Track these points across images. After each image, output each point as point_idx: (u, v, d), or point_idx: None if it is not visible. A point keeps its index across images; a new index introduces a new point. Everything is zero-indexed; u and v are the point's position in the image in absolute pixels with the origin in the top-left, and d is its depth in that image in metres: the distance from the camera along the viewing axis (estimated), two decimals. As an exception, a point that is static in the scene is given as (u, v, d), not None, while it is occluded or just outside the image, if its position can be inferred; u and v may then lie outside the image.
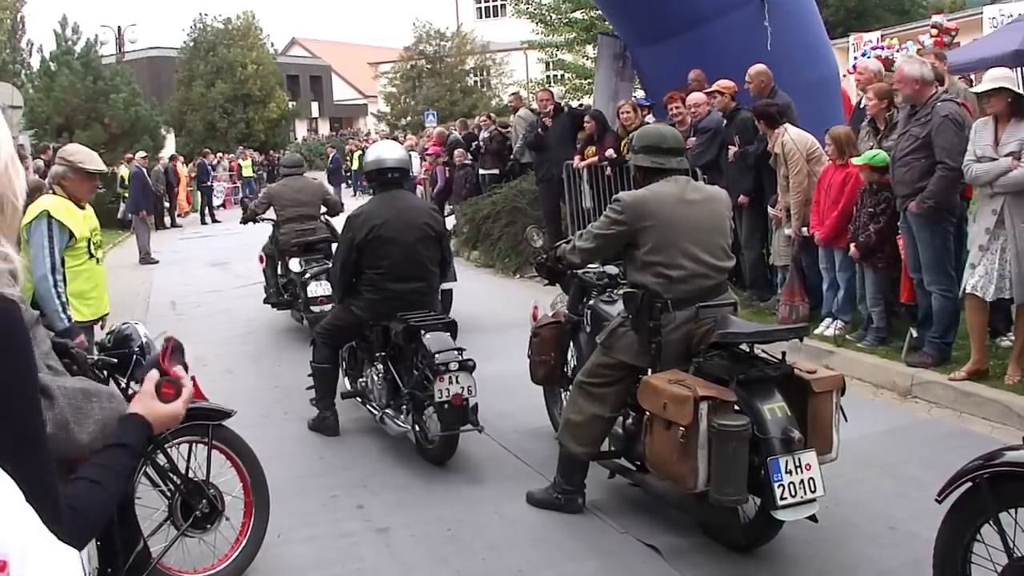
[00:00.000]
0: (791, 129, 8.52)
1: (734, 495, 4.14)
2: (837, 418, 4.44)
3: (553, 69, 28.57)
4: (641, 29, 12.40)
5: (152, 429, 2.13)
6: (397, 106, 49.11)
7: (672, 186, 4.81)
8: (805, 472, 4.13)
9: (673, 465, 4.29)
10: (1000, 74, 6.57)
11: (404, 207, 6.33)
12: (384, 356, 6.26)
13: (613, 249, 5.07)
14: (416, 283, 6.24)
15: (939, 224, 6.98)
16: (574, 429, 4.99)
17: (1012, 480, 3.32)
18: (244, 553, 4.60)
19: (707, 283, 4.73)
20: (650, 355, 4.71)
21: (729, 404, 4.20)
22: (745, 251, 9.57)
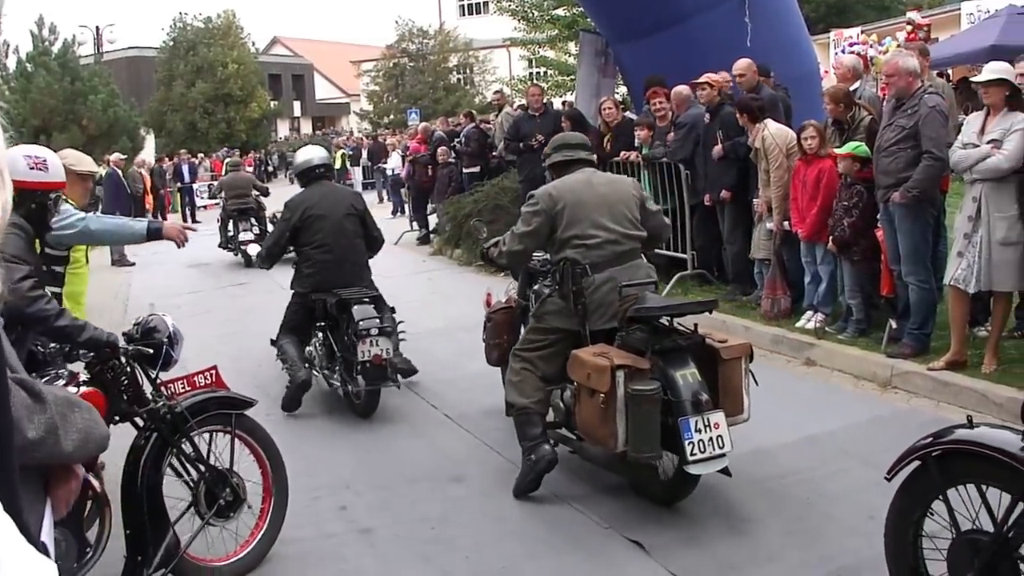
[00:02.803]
0: (771, 124, 8.57)
1: (649, 452, 4.65)
2: (747, 382, 4.96)
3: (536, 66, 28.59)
4: (623, 26, 12.42)
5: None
6: (380, 104, 49.06)
7: (579, 175, 5.46)
8: (714, 430, 4.62)
9: (597, 429, 4.79)
10: (1000, 67, 6.71)
11: (330, 192, 7.55)
12: (323, 326, 7.25)
13: (539, 241, 5.50)
14: (347, 253, 7.25)
15: (921, 215, 7.06)
16: (515, 387, 5.41)
17: (959, 457, 3.42)
18: (264, 540, 4.71)
19: (619, 248, 5.29)
20: (576, 316, 5.24)
21: (644, 371, 4.67)
22: (728, 245, 9.63)
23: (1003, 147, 6.41)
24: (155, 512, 4.24)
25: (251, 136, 45.25)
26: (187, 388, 4.60)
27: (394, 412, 7.13)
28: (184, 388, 4.59)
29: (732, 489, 5.28)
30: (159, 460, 4.33)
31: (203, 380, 4.67)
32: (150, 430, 4.35)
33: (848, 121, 7.90)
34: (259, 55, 51.60)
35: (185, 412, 4.39)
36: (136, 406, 4.35)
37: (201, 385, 4.64)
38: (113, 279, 15.09)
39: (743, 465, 5.60)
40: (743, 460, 5.67)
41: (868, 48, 18.85)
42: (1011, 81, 6.52)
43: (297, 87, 59.69)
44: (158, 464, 4.32)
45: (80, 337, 4.25)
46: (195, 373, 4.69)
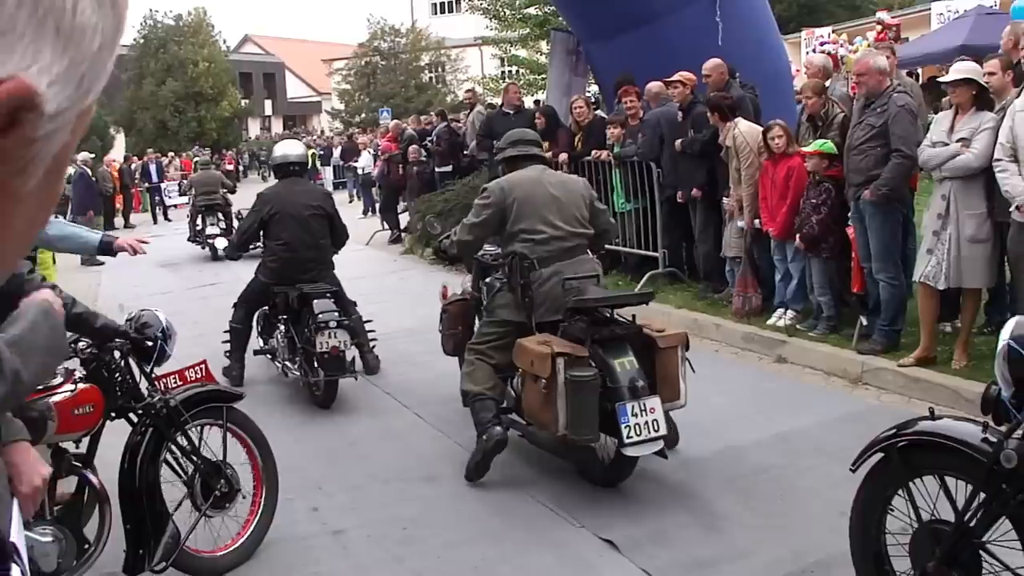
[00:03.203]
0: (742, 123, 8.61)
1: (587, 435, 4.94)
2: (684, 370, 5.23)
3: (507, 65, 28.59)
4: (594, 24, 12.42)
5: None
6: (351, 103, 48.88)
7: (530, 171, 5.72)
8: (649, 415, 4.90)
9: (540, 413, 5.10)
10: (967, 67, 6.80)
11: (301, 191, 7.72)
12: (285, 319, 7.45)
13: (488, 233, 5.78)
14: (309, 251, 7.41)
15: (890, 213, 7.13)
16: (469, 376, 5.68)
17: (921, 449, 3.49)
18: (258, 528, 4.80)
19: (565, 244, 5.54)
20: (525, 308, 5.53)
21: (583, 359, 4.94)
22: (699, 243, 9.65)
23: (972, 145, 6.48)
24: (154, 506, 4.30)
25: (222, 135, 44.91)
26: (179, 382, 4.69)
27: (365, 412, 7.12)
28: (176, 382, 4.67)
29: (704, 486, 5.30)
30: (156, 454, 4.39)
31: (194, 374, 4.78)
32: (146, 425, 4.40)
33: (823, 117, 7.93)
34: (230, 53, 51.22)
35: (179, 406, 4.45)
36: (132, 401, 4.41)
37: (192, 379, 4.75)
38: (82, 280, 14.92)
39: (715, 462, 5.65)
40: (715, 457, 5.72)
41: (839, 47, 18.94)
42: (978, 81, 6.58)
43: (268, 85, 59.34)
44: (155, 458, 4.38)
45: (96, 323, 4.32)
46: (186, 367, 4.81)
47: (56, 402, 4.04)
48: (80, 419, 4.13)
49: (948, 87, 6.82)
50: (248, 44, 62.47)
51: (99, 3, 0.57)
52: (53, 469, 4.00)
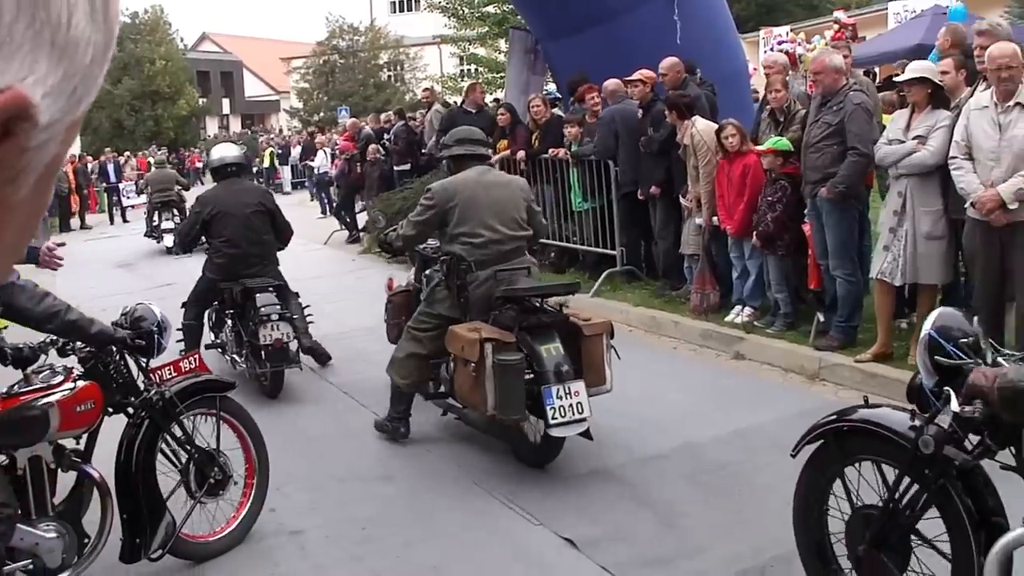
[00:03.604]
0: (699, 121, 8.65)
1: (514, 415, 5.25)
2: (609, 356, 5.53)
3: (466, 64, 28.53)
4: (552, 23, 12.42)
5: None
6: (310, 102, 48.55)
7: (473, 173, 5.94)
8: (574, 398, 5.17)
9: (470, 394, 5.43)
10: (922, 66, 6.89)
11: (240, 190, 7.91)
12: (232, 314, 7.71)
13: (431, 230, 6.07)
14: (252, 247, 7.62)
15: (847, 210, 7.20)
16: (397, 364, 6.05)
17: (855, 435, 3.61)
18: (250, 513, 4.95)
19: (504, 248, 5.81)
20: (460, 307, 5.81)
21: (510, 344, 5.25)
22: (660, 240, 9.67)
23: (928, 143, 6.56)
24: (151, 495, 4.42)
25: (179, 134, 44.49)
26: (174, 374, 4.79)
27: (322, 411, 7.09)
28: (171, 374, 4.78)
29: (663, 483, 5.31)
30: (152, 445, 4.51)
31: (188, 365, 4.89)
32: (141, 417, 4.50)
33: (785, 111, 7.99)
34: (187, 51, 50.71)
35: (174, 397, 4.55)
36: (130, 395, 4.49)
37: (186, 370, 4.85)
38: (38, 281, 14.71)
39: (673, 459, 5.66)
40: (673, 454, 5.74)
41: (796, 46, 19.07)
42: (933, 80, 6.66)
43: (226, 84, 58.79)
44: (151, 449, 4.50)
45: (91, 330, 4.37)
46: (181, 358, 4.94)
47: (58, 400, 4.11)
48: (82, 416, 4.22)
49: (904, 86, 6.89)
50: (206, 42, 61.84)
51: (92, 17, 0.58)
52: (55, 465, 4.16)
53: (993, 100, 6.07)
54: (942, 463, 3.19)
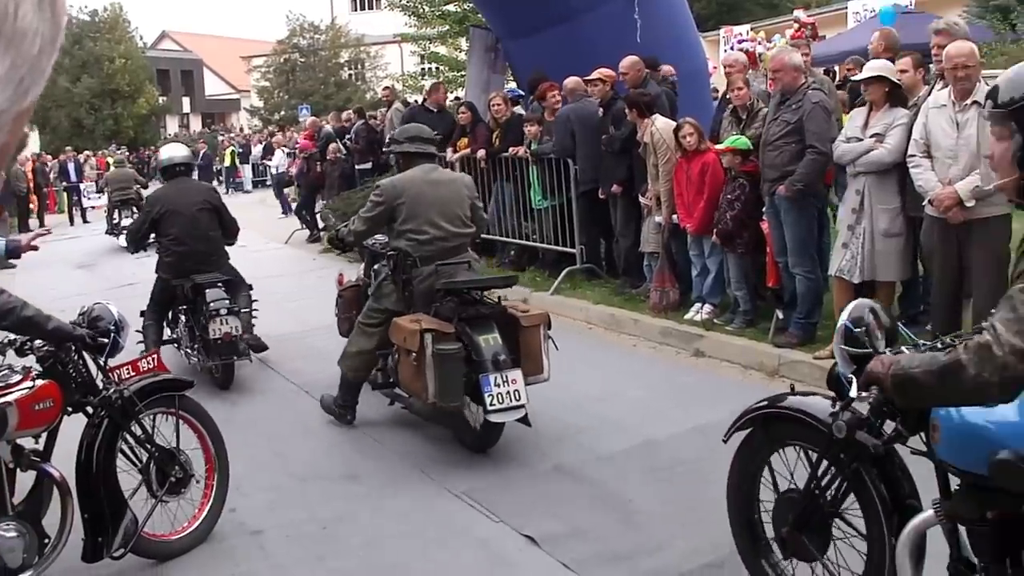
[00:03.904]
0: (659, 119, 8.68)
1: (453, 401, 5.50)
2: (546, 346, 5.82)
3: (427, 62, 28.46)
4: (513, 21, 12.43)
5: None
6: (270, 100, 48.26)
7: (419, 171, 6.19)
8: (511, 385, 5.41)
9: (412, 383, 5.69)
10: (879, 64, 6.95)
11: (186, 189, 8.16)
12: (184, 309, 7.94)
13: (379, 226, 6.28)
14: (199, 244, 7.85)
15: (805, 208, 7.26)
16: (348, 357, 6.33)
17: (780, 421, 3.74)
18: (212, 511, 4.97)
19: (447, 245, 6.07)
20: (405, 301, 6.06)
21: (449, 335, 5.49)
22: (620, 239, 9.70)
23: (886, 141, 6.63)
24: (112, 495, 4.43)
25: (139, 133, 44.02)
26: (132, 373, 4.79)
27: (283, 410, 7.07)
28: (130, 373, 4.78)
29: (623, 480, 5.34)
30: (112, 444, 4.52)
31: (147, 364, 4.89)
32: (101, 416, 4.51)
33: (748, 109, 8.05)
34: (147, 50, 50.25)
35: (133, 396, 4.56)
36: (88, 394, 4.49)
37: (145, 370, 4.85)
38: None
39: (633, 456, 5.69)
40: (633, 451, 5.76)
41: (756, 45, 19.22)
42: (891, 78, 6.73)
43: (186, 82, 58.29)
44: (111, 448, 4.51)
45: (48, 326, 4.36)
46: (139, 358, 4.94)
47: (16, 399, 4.10)
48: (40, 414, 4.21)
49: (862, 84, 6.95)
50: (165, 40, 61.26)
51: (39, 8, 0.58)
52: (13, 465, 4.16)
53: (951, 99, 6.14)
54: (856, 448, 3.28)
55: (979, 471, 2.86)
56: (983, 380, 2.48)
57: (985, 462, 2.80)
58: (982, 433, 2.87)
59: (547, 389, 6.82)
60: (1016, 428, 2.82)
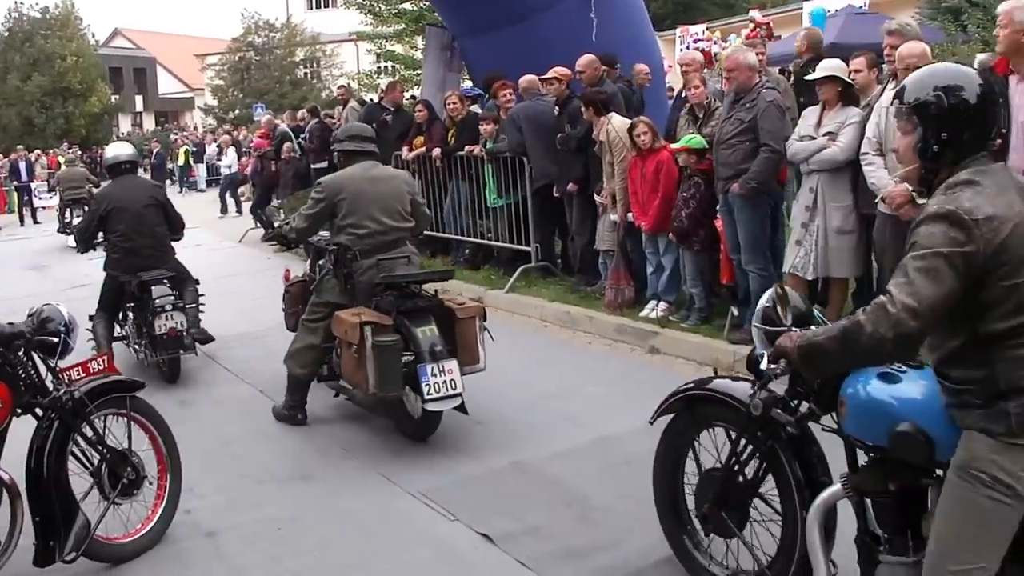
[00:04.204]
0: (615, 118, 8.71)
1: (392, 391, 5.69)
2: (482, 338, 6.02)
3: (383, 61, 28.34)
4: (469, 20, 12.43)
5: None
6: (225, 99, 47.74)
7: (359, 168, 6.36)
8: (447, 375, 5.61)
9: (355, 374, 5.84)
10: (832, 64, 7.02)
11: (133, 186, 8.27)
12: (132, 306, 8.04)
13: (321, 223, 6.45)
14: (146, 240, 7.96)
15: (759, 206, 7.32)
16: (295, 354, 6.43)
17: (704, 403, 3.93)
18: (165, 513, 4.94)
19: (387, 239, 6.24)
20: (347, 294, 6.21)
21: (387, 327, 5.69)
22: (576, 237, 9.73)
23: (838, 139, 6.71)
24: (63, 497, 4.37)
25: (91, 132, 43.34)
26: (83, 374, 4.74)
27: (238, 411, 7.02)
28: (80, 374, 4.73)
29: (579, 477, 5.35)
30: (63, 446, 4.46)
31: (97, 366, 4.82)
32: (51, 418, 4.45)
33: (705, 107, 8.09)
34: (99, 47, 49.46)
35: (84, 397, 4.52)
36: (38, 396, 4.45)
37: (95, 371, 4.80)
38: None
39: (589, 453, 5.70)
40: (589, 448, 5.78)
41: (712, 44, 19.33)
42: (843, 78, 6.80)
43: (139, 81, 57.61)
44: (62, 450, 4.45)
45: None
46: (89, 359, 4.86)
47: None
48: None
49: (815, 83, 7.01)
50: (118, 38, 60.55)
51: None
52: None
53: None
54: (771, 426, 3.51)
55: (882, 444, 3.04)
56: (879, 336, 2.71)
57: (887, 435, 2.99)
58: (884, 408, 3.04)
59: (503, 387, 6.86)
60: (916, 403, 2.98)
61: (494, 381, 6.90)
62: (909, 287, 2.68)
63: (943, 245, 2.65)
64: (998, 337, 2.68)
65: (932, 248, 2.67)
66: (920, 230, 2.74)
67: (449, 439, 6.10)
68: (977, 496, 2.71)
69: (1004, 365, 2.67)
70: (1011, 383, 2.66)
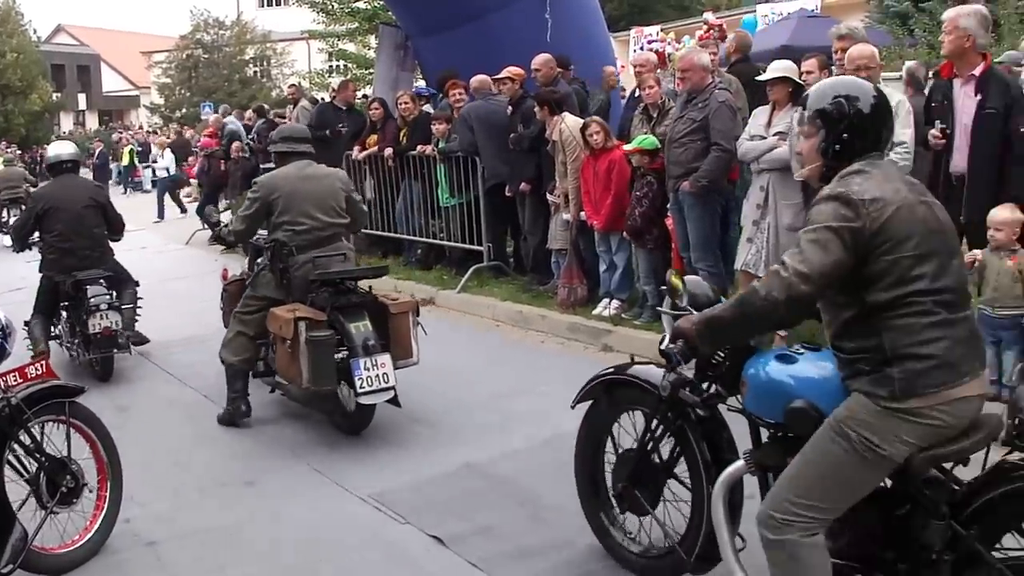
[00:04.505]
0: (568, 117, 8.71)
1: (325, 385, 5.77)
2: (415, 332, 6.18)
3: (335, 60, 28.11)
4: (423, 19, 12.37)
5: None
6: (172, 97, 47.21)
7: (294, 167, 6.45)
8: (380, 369, 5.71)
9: (289, 369, 5.94)
10: (783, 65, 7.08)
11: (72, 186, 8.22)
12: (66, 306, 8.00)
13: (259, 223, 6.54)
14: (83, 240, 7.92)
15: (709, 204, 7.37)
16: (228, 345, 6.49)
17: (621, 387, 4.16)
18: (105, 522, 4.79)
19: (323, 234, 6.35)
20: (283, 289, 6.31)
21: (321, 323, 5.79)
22: (529, 236, 9.69)
23: (788, 139, 6.72)
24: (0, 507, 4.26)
25: (31, 130, 42.52)
26: (20, 380, 4.61)
27: (181, 416, 6.86)
28: (17, 380, 4.60)
29: (531, 477, 5.30)
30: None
31: (35, 371, 4.71)
32: None
33: (659, 107, 8.10)
34: (41, 44, 48.69)
35: (21, 404, 4.41)
36: None
37: (33, 376, 4.68)
38: None
39: (541, 452, 5.64)
40: (541, 447, 5.72)
41: (666, 45, 19.38)
42: (794, 79, 6.85)
43: (82, 78, 56.73)
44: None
45: None
46: (26, 364, 4.75)
47: None
48: None
49: (767, 84, 7.05)
50: (61, 34, 59.63)
51: None
52: None
53: None
54: (680, 406, 3.78)
55: (780, 421, 3.28)
56: (773, 298, 3.00)
57: (783, 412, 3.22)
58: (781, 387, 3.28)
59: (454, 387, 6.85)
60: (810, 381, 3.23)
61: (445, 382, 6.84)
62: (801, 255, 2.97)
63: (832, 220, 2.94)
64: (883, 307, 2.94)
65: (823, 223, 2.96)
66: (814, 209, 3.04)
67: (399, 441, 6.03)
68: (840, 448, 2.99)
69: (889, 334, 2.94)
70: (896, 350, 2.92)
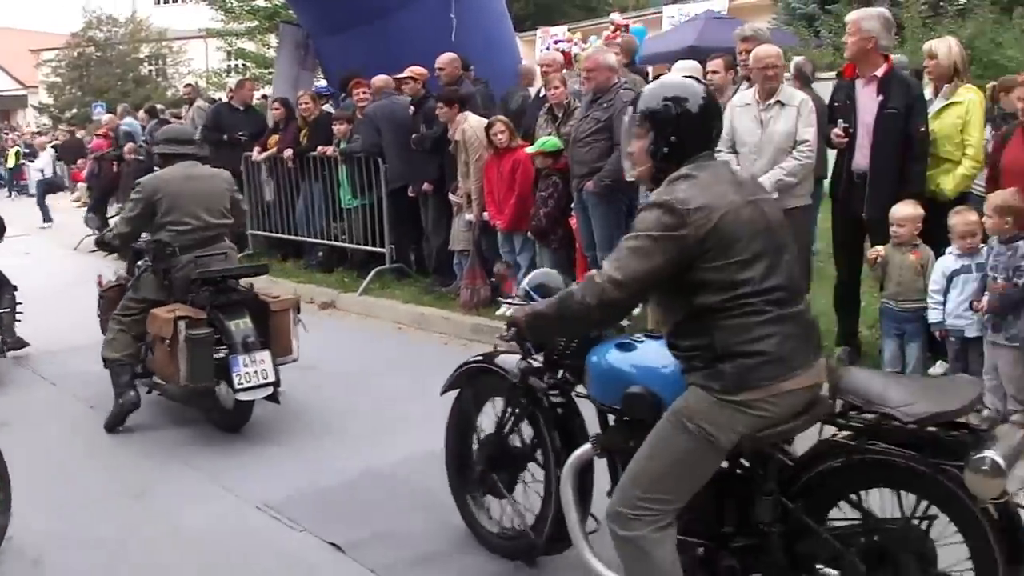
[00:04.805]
0: (471, 117, 8.68)
1: (203, 382, 5.79)
2: (296, 330, 6.32)
3: (234, 59, 27.62)
4: (324, 18, 12.21)
5: None
6: (62, 97, 45.70)
7: (178, 168, 6.43)
8: (259, 365, 5.82)
9: (166, 368, 5.96)
10: (688, 65, 7.21)
11: None
12: None
13: (144, 224, 6.42)
14: None
15: (613, 203, 7.40)
16: (110, 344, 6.42)
17: (484, 375, 4.30)
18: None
19: (208, 234, 6.37)
20: (165, 289, 6.31)
21: (200, 321, 5.83)
22: (432, 237, 9.61)
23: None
24: None
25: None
26: None
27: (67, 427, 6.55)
28: None
29: (434, 481, 5.12)
30: None
31: None
32: None
33: (564, 107, 8.09)
34: (-79, 41, 46.87)
35: None
36: None
37: None
38: None
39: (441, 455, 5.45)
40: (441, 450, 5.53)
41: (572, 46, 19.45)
42: (699, 78, 6.87)
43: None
44: None
45: None
46: None
47: None
48: None
49: None
50: (-57, 31, 57.49)
51: None
52: None
53: (755, 98, 6.44)
54: (532, 393, 3.96)
55: (620, 405, 3.41)
56: (586, 303, 3.09)
57: (622, 397, 3.37)
58: (619, 373, 3.45)
59: (353, 391, 6.81)
60: (647, 368, 3.39)
61: (344, 386, 6.72)
62: (617, 263, 3.03)
63: (655, 229, 2.98)
64: (713, 310, 3.01)
65: (645, 231, 3.00)
66: (639, 216, 3.08)
67: (295, 446, 5.89)
68: (680, 440, 3.06)
69: (720, 333, 3.01)
70: (726, 348, 3.00)
